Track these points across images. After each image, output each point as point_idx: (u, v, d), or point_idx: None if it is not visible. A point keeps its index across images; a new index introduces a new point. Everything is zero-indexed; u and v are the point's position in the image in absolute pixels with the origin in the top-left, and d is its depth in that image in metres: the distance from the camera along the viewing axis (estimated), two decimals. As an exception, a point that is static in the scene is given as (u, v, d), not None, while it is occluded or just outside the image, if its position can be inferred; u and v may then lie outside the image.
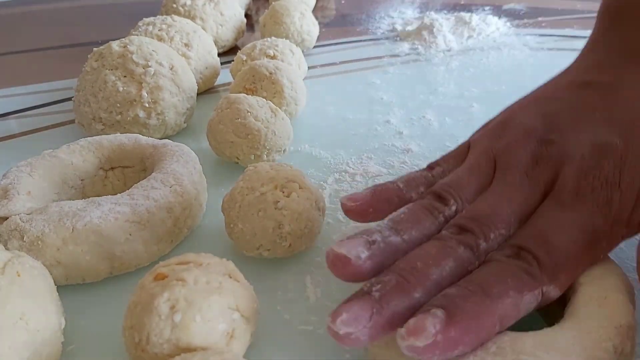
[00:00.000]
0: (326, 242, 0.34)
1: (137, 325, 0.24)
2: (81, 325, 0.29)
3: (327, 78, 0.60)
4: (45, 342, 0.25)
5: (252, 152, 0.40)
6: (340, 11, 0.85)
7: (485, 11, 0.79)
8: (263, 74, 0.46)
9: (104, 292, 0.31)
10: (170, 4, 0.64)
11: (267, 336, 0.28)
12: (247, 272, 0.28)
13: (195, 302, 0.23)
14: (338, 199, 0.39)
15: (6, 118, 0.52)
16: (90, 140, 0.38)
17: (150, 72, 0.44)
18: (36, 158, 0.36)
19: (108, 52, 0.45)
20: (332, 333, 0.22)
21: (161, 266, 0.26)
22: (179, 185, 0.34)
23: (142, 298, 0.24)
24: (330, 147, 0.45)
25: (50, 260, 0.30)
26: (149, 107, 0.44)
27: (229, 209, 0.32)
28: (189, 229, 0.35)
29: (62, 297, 0.28)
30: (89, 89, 0.44)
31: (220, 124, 0.41)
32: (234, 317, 0.24)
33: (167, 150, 0.37)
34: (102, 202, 0.31)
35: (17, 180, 0.33)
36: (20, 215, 0.31)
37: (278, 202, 0.31)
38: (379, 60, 0.64)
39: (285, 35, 0.62)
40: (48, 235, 0.30)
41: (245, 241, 0.31)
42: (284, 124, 0.42)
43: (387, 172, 0.42)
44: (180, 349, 0.23)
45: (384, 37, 0.72)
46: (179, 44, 0.53)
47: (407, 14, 0.81)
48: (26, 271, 0.25)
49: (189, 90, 0.47)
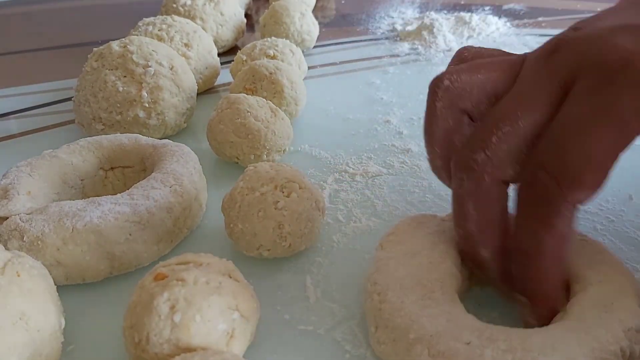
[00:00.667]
0: (326, 242, 0.34)
1: (137, 325, 0.24)
2: (81, 325, 0.29)
3: (327, 78, 0.60)
4: (45, 342, 0.25)
5: (252, 152, 0.40)
6: (340, 11, 0.85)
7: (485, 11, 0.79)
8: (263, 74, 0.46)
9: (104, 292, 0.31)
10: (170, 4, 0.64)
11: (267, 336, 0.28)
12: (247, 272, 0.28)
13: (195, 302, 0.23)
14: (338, 199, 0.39)
15: (6, 118, 0.52)
16: (90, 140, 0.38)
17: (150, 72, 0.44)
18: (36, 158, 0.36)
19: (108, 52, 0.45)
20: None
21: (161, 266, 0.26)
22: (179, 185, 0.34)
23: (142, 298, 0.24)
24: (330, 147, 0.45)
25: (50, 260, 0.30)
26: (149, 107, 0.44)
27: (229, 209, 0.32)
28: (189, 229, 0.35)
29: (62, 297, 0.28)
30: (89, 89, 0.44)
31: (220, 124, 0.41)
32: (234, 317, 0.24)
33: (167, 150, 0.37)
34: (102, 202, 0.31)
35: (17, 180, 0.33)
36: (20, 215, 0.31)
37: (278, 202, 0.31)
38: (379, 60, 0.64)
39: (285, 35, 0.62)
40: (48, 235, 0.30)
41: (245, 241, 0.31)
42: (284, 124, 0.42)
43: (387, 172, 0.42)
44: (180, 349, 0.23)
45: (384, 37, 0.72)
46: (179, 44, 0.53)
47: (407, 14, 0.81)
48: (26, 271, 0.25)
49: (189, 90, 0.47)
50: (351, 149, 0.45)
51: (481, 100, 0.27)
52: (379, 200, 0.39)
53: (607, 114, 0.23)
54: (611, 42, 0.24)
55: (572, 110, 0.24)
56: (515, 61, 0.28)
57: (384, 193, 0.39)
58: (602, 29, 0.26)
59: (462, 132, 0.28)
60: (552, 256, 0.24)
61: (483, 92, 0.27)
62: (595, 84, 0.24)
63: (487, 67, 0.28)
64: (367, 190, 0.40)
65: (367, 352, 0.27)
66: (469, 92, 0.27)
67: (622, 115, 0.23)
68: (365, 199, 0.39)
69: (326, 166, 0.43)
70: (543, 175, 0.24)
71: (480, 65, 0.28)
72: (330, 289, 0.31)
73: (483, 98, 0.27)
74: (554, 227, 0.24)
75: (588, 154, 0.23)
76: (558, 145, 0.24)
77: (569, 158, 0.23)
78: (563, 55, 0.26)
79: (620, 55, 0.24)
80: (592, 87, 0.24)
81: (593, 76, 0.24)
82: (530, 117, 0.25)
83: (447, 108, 0.28)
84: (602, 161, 0.23)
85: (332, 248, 0.34)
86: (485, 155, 0.26)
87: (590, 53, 0.25)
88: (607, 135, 0.23)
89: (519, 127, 0.25)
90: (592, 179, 0.23)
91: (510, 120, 0.25)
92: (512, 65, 0.28)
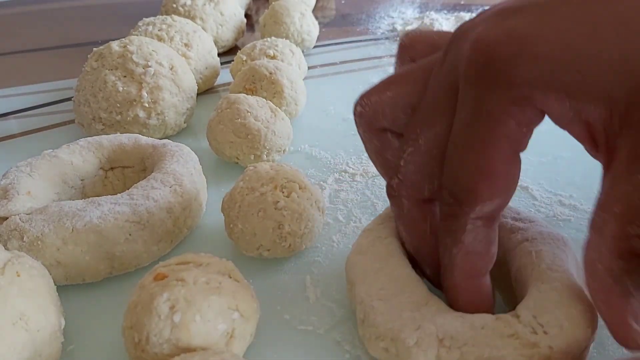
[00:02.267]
0: (326, 242, 0.34)
1: (137, 325, 0.24)
2: (81, 325, 0.29)
3: (327, 78, 0.60)
4: (45, 342, 0.25)
5: (252, 152, 0.40)
6: (340, 11, 0.85)
7: (485, 11, 0.79)
8: (263, 74, 0.46)
9: (104, 292, 0.31)
10: (170, 4, 0.64)
11: (267, 336, 0.28)
12: (247, 272, 0.28)
13: (195, 302, 0.23)
14: (338, 199, 0.39)
15: (6, 118, 0.52)
16: (90, 140, 0.38)
17: (150, 72, 0.44)
18: (36, 158, 0.36)
19: (108, 52, 0.45)
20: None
21: (161, 266, 0.26)
22: (179, 185, 0.34)
23: (141, 298, 0.24)
24: (330, 147, 0.45)
25: (50, 260, 0.30)
26: (149, 107, 0.44)
27: (229, 209, 0.32)
28: (189, 229, 0.35)
29: (62, 297, 0.28)
30: (89, 89, 0.44)
31: (220, 124, 0.41)
32: (234, 317, 0.24)
33: (167, 150, 0.37)
34: (102, 202, 0.31)
35: (17, 180, 0.33)
36: (20, 215, 0.31)
37: (278, 202, 0.31)
38: (379, 60, 0.64)
39: (285, 35, 0.62)
40: (48, 235, 0.30)
41: (245, 241, 0.31)
42: (284, 124, 0.42)
43: (387, 172, 0.42)
44: (180, 349, 0.23)
45: (384, 37, 0.72)
46: (179, 44, 0.53)
47: (407, 14, 0.81)
48: (26, 271, 0.25)
49: (189, 90, 0.47)
50: (351, 149, 0.45)
51: (397, 115, 0.27)
52: (379, 200, 0.39)
53: (479, 120, 0.22)
54: (474, 35, 0.22)
55: (456, 123, 0.23)
56: (428, 66, 0.26)
57: (384, 193, 0.39)
58: (483, 16, 0.23)
59: (391, 147, 0.28)
60: (462, 271, 0.24)
61: (396, 108, 0.26)
62: (464, 87, 0.23)
63: (397, 81, 0.27)
64: (367, 190, 0.40)
65: (367, 351, 0.27)
66: (381, 113, 0.27)
67: (493, 117, 0.21)
68: (365, 199, 0.39)
69: (326, 166, 0.43)
70: (445, 193, 0.23)
71: (390, 82, 0.27)
72: (330, 289, 0.31)
73: (398, 113, 0.26)
74: (461, 242, 0.23)
75: (475, 167, 0.22)
76: (450, 161, 0.23)
77: (460, 173, 0.23)
78: (452, 53, 0.24)
79: (478, 50, 0.22)
80: (463, 90, 0.23)
81: (463, 78, 0.23)
82: (428, 132, 0.24)
83: (368, 132, 0.28)
84: (491, 170, 0.22)
85: (332, 248, 0.34)
86: (398, 180, 0.26)
87: (462, 50, 0.23)
88: (485, 140, 0.22)
89: (419, 145, 0.25)
90: (487, 189, 0.22)
91: (412, 140, 0.25)
92: (424, 72, 0.26)
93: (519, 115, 0.21)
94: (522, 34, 0.21)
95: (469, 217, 0.23)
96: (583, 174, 0.40)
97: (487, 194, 0.22)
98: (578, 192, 0.38)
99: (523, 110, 0.21)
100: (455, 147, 0.23)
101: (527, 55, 0.21)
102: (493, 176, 0.22)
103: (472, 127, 0.22)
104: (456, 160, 0.23)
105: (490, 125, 0.22)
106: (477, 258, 0.24)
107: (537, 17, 0.21)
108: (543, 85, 0.21)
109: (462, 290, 0.25)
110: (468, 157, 0.22)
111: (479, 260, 0.24)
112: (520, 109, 0.21)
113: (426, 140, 0.24)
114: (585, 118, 0.21)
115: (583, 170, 0.41)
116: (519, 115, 0.21)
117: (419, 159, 0.25)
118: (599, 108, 0.20)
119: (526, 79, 0.21)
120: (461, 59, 0.23)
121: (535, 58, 0.20)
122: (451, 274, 0.24)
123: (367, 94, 0.28)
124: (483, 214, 0.23)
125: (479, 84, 0.22)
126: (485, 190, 0.22)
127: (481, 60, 0.22)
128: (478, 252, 0.24)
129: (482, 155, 0.22)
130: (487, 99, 0.22)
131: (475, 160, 0.22)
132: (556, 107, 0.21)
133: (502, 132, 0.22)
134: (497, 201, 0.23)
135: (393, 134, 0.28)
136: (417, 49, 0.29)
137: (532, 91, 0.21)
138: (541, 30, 0.21)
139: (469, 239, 0.23)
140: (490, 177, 0.22)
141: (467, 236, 0.23)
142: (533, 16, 0.21)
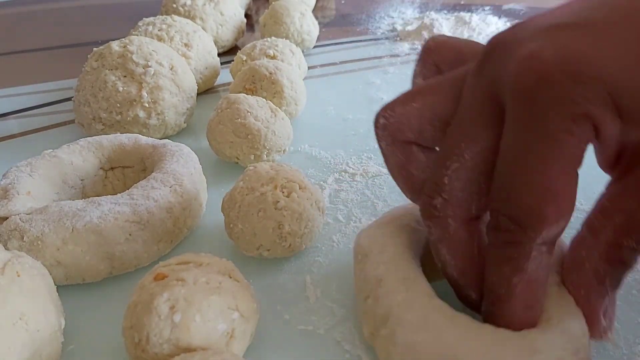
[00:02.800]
0: (326, 242, 0.35)
1: (137, 326, 0.24)
2: (81, 325, 0.29)
3: (327, 78, 0.60)
4: (45, 342, 0.25)
5: (252, 152, 0.40)
6: (340, 11, 0.85)
7: (485, 11, 0.79)
8: (263, 74, 0.46)
9: (104, 292, 0.31)
10: (170, 4, 0.64)
11: (267, 336, 0.28)
12: (247, 272, 0.28)
13: (195, 302, 0.23)
14: (338, 199, 0.39)
15: (6, 118, 0.52)
16: (90, 140, 0.38)
17: (150, 72, 0.44)
18: (36, 158, 0.36)
19: (108, 52, 0.45)
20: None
21: (161, 266, 0.26)
22: (179, 185, 0.34)
23: (141, 298, 0.24)
24: (330, 147, 0.45)
25: (50, 260, 0.30)
26: (149, 107, 0.44)
27: (229, 209, 0.32)
28: (189, 229, 0.35)
29: (62, 297, 0.28)
30: (89, 89, 0.44)
31: (220, 124, 0.41)
32: (234, 317, 0.24)
33: (167, 150, 0.37)
34: (102, 202, 0.31)
35: (17, 180, 0.33)
36: (20, 215, 0.31)
37: (278, 202, 0.31)
38: (379, 60, 0.64)
39: (285, 35, 0.62)
40: (48, 235, 0.30)
41: (245, 241, 0.31)
42: (284, 124, 0.42)
43: (387, 172, 0.42)
44: (180, 349, 0.23)
45: (384, 37, 0.72)
46: (179, 44, 0.53)
47: (407, 14, 0.81)
48: (26, 271, 0.25)
49: (189, 90, 0.47)
50: (351, 149, 0.45)
51: (423, 127, 0.26)
52: (379, 200, 0.39)
53: (540, 139, 0.21)
54: (525, 51, 0.21)
55: (508, 142, 0.22)
56: (457, 77, 0.25)
57: (384, 193, 0.39)
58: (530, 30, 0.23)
59: (416, 160, 0.27)
60: (523, 301, 0.23)
61: (423, 119, 0.25)
62: (514, 103, 0.22)
63: (423, 92, 0.26)
64: (367, 190, 0.40)
65: (367, 352, 0.27)
66: (407, 124, 0.26)
67: (555, 136, 0.21)
68: (365, 199, 0.39)
69: (326, 166, 0.43)
70: (504, 221, 0.22)
71: (415, 93, 0.26)
72: (330, 289, 0.31)
73: (426, 125, 0.25)
74: (524, 271, 0.22)
75: (540, 188, 0.21)
76: (508, 186, 0.22)
77: (523, 199, 0.21)
78: (491, 65, 0.23)
79: (533, 67, 0.21)
80: (513, 107, 0.22)
81: (514, 95, 0.22)
82: (474, 147, 0.23)
83: (391, 145, 0.27)
84: (557, 190, 0.21)
85: (332, 248, 0.34)
86: (442, 199, 0.24)
87: (509, 65, 0.22)
88: (549, 161, 0.21)
89: (465, 161, 0.23)
90: (555, 211, 0.21)
91: (456, 156, 0.23)
92: (454, 83, 0.25)
93: (579, 132, 0.21)
94: (580, 54, 0.20)
95: (534, 243, 0.22)
96: (583, 174, 0.40)
97: (554, 217, 0.21)
98: (578, 192, 0.38)
99: (583, 127, 0.21)
100: (511, 168, 0.22)
101: (585, 77, 0.20)
102: (559, 197, 0.21)
103: (532, 146, 0.21)
104: (516, 183, 0.21)
105: (552, 144, 0.21)
106: (539, 287, 0.23)
107: (595, 38, 0.21)
108: (602, 104, 0.20)
109: (519, 321, 0.23)
110: (531, 179, 0.21)
111: (540, 289, 0.23)
112: (581, 127, 0.21)
113: (472, 155, 0.23)
114: (624, 139, 0.21)
115: (583, 170, 0.40)
116: (579, 132, 0.21)
117: (466, 175, 0.23)
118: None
119: (586, 97, 0.20)
120: (507, 74, 0.22)
121: (594, 79, 0.20)
122: (508, 304, 0.23)
123: (391, 105, 0.26)
124: (548, 239, 0.22)
125: (535, 102, 0.21)
126: (552, 213, 0.21)
127: (536, 78, 0.21)
128: (540, 281, 0.23)
129: (546, 176, 0.21)
130: (546, 117, 0.21)
131: (539, 181, 0.21)
132: (610, 127, 0.21)
133: (565, 151, 0.21)
134: (562, 223, 0.21)
135: (419, 147, 0.26)
136: (442, 54, 0.28)
137: (592, 108, 0.20)
138: (599, 52, 0.20)
139: (532, 266, 0.22)
140: (557, 198, 0.21)
141: (531, 264, 0.22)
142: (591, 37, 0.21)
